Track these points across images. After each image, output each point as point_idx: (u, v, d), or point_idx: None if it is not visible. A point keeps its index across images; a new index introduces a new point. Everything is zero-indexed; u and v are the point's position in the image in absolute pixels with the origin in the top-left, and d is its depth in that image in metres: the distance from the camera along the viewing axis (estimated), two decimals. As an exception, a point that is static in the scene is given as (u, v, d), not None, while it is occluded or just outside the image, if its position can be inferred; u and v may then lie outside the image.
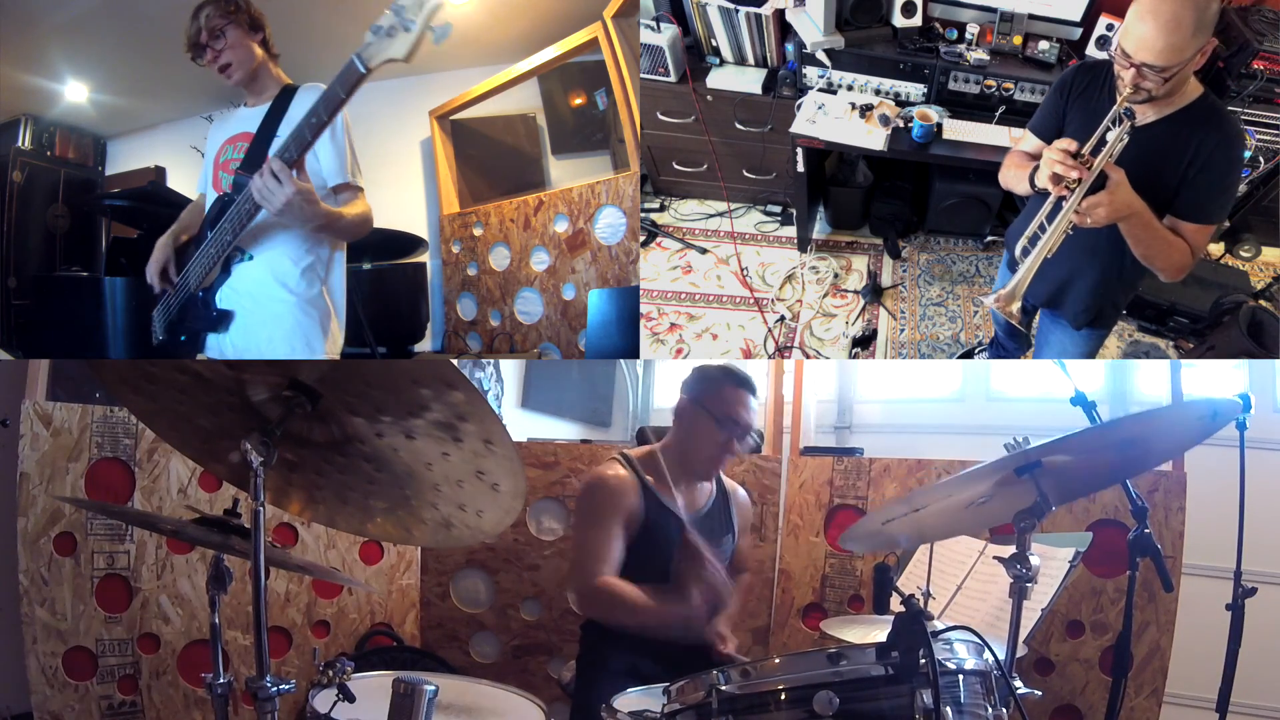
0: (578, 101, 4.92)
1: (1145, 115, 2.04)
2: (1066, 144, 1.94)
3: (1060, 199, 1.96)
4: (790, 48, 3.37)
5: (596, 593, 2.14)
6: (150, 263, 2.35)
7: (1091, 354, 2.49)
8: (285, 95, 2.29)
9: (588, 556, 2.19)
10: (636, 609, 2.12)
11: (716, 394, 2.29)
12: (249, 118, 2.31)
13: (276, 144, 2.20)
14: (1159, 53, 1.87)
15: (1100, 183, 1.91)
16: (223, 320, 2.27)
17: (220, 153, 2.33)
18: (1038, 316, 2.61)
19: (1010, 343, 2.85)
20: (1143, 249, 2.04)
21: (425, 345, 4.89)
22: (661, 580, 2.15)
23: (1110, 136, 1.95)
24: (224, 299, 2.28)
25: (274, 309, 2.25)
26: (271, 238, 2.23)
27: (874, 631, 2.07)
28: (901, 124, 3.13)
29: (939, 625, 1.99)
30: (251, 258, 2.24)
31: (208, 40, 2.20)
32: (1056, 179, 1.93)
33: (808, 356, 3.40)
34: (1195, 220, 2.05)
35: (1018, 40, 3.13)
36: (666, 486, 2.30)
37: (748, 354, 3.46)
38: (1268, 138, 2.99)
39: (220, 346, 2.28)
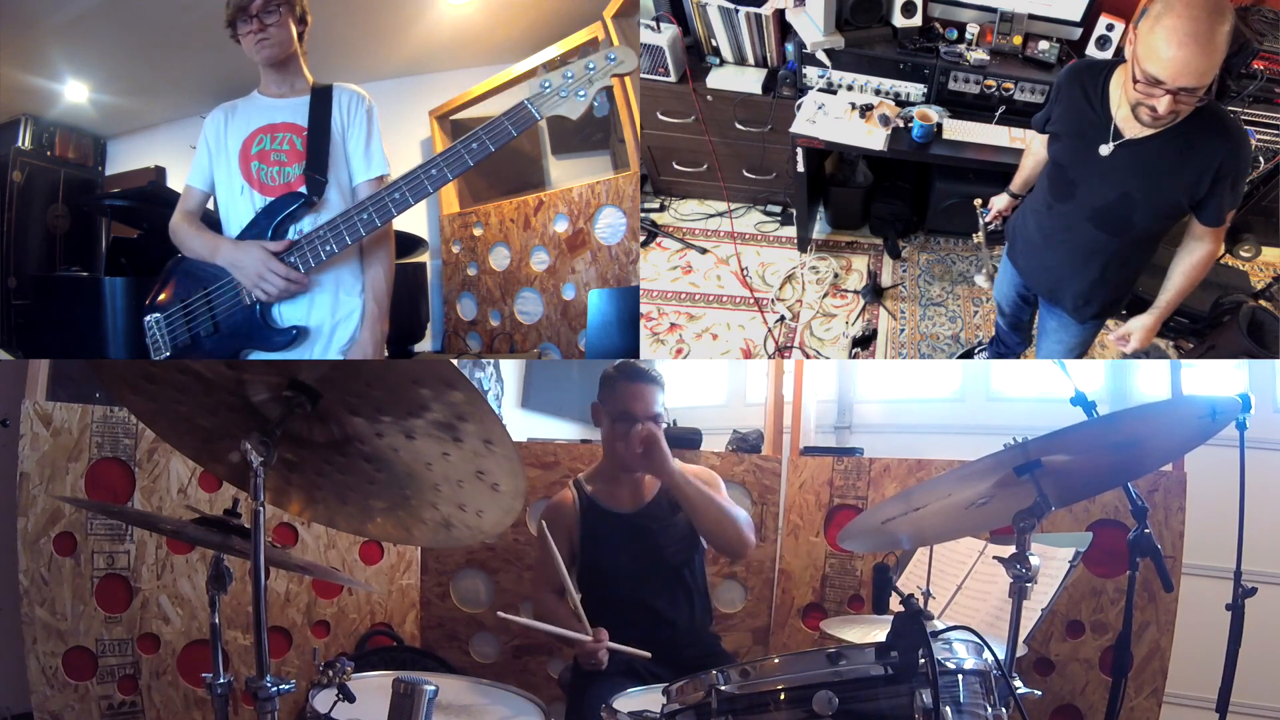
0: (578, 101, 4.91)
1: (1141, 129, 2.03)
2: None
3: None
4: (790, 48, 3.37)
5: (535, 612, 2.48)
6: (268, 275, 2.13)
7: (1087, 344, 2.52)
8: (323, 93, 2.28)
9: (535, 581, 2.59)
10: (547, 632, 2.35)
11: (610, 394, 2.46)
12: (281, 109, 2.27)
13: (336, 146, 2.25)
14: (1200, 74, 1.84)
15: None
16: (301, 336, 2.21)
17: (250, 143, 2.25)
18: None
19: (1011, 338, 2.86)
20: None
21: (425, 345, 4.89)
22: (614, 570, 2.42)
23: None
24: (284, 314, 2.21)
25: (353, 316, 2.27)
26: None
27: (874, 631, 2.07)
28: (901, 124, 3.13)
29: (939, 625, 2.00)
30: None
31: (259, 10, 2.16)
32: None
33: (808, 356, 3.40)
34: (1219, 224, 2.10)
35: (1018, 40, 3.13)
36: (610, 489, 2.52)
37: (748, 354, 3.46)
38: (1268, 138, 2.99)
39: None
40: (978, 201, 2.78)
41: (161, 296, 2.29)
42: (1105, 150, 2.09)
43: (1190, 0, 1.83)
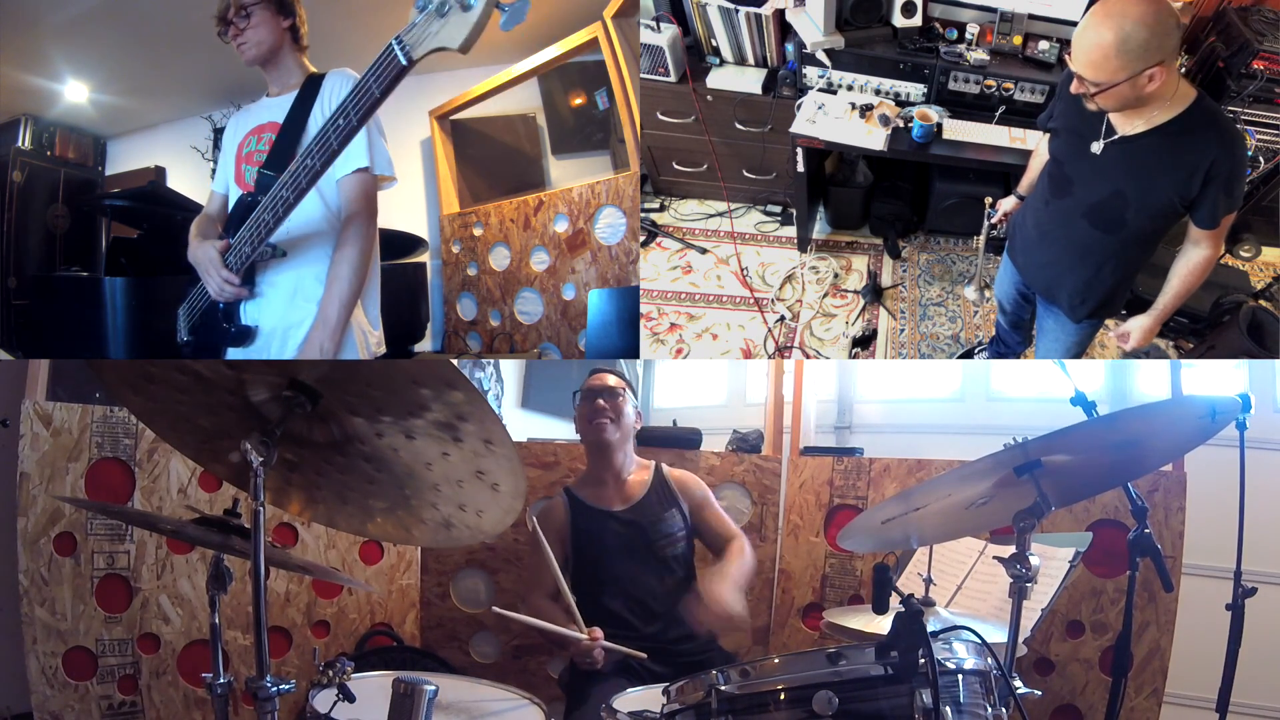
0: (578, 101, 4.92)
1: (1134, 124, 2.04)
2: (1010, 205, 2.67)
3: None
4: (790, 48, 3.37)
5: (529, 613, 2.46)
6: (211, 274, 2.14)
7: (1085, 343, 2.52)
8: (312, 84, 2.23)
9: (528, 586, 2.55)
10: (541, 630, 2.36)
11: (582, 387, 2.63)
12: (271, 107, 2.26)
13: (308, 138, 2.12)
14: (1084, 66, 1.94)
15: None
16: (246, 336, 2.21)
17: (243, 145, 2.27)
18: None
19: (1012, 337, 2.86)
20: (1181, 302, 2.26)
21: (425, 345, 4.89)
22: (607, 567, 2.46)
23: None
24: (248, 313, 2.21)
25: (305, 323, 2.18)
26: (296, 246, 2.17)
27: (877, 620, 2.06)
28: (901, 124, 3.13)
29: (943, 613, 2.00)
30: (284, 254, 2.16)
31: (234, 16, 2.16)
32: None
33: (808, 356, 3.40)
34: (1216, 226, 2.09)
35: (1018, 40, 3.12)
36: (598, 491, 2.60)
37: (748, 354, 3.46)
38: (1268, 138, 2.99)
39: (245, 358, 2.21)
40: (989, 200, 2.78)
41: (188, 289, 2.35)
42: (1097, 147, 2.10)
43: None
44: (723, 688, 1.43)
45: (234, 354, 2.22)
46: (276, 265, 2.18)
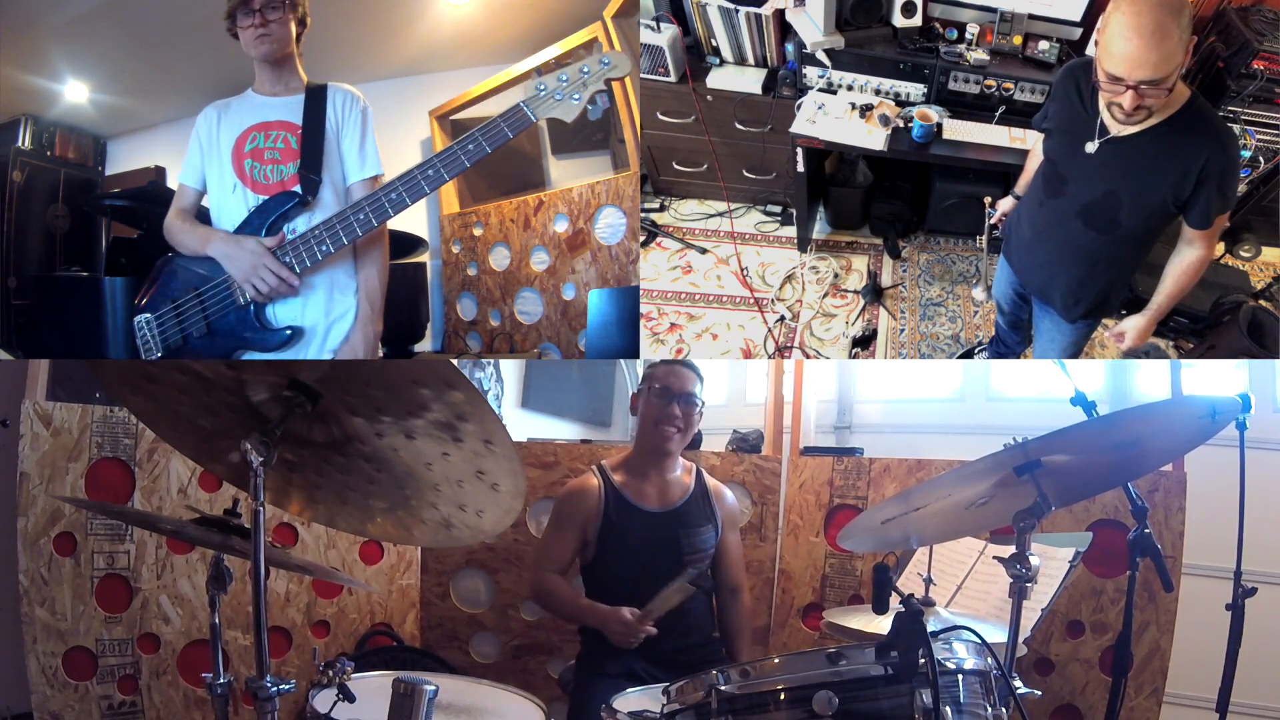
0: (578, 101, 4.91)
1: (1125, 126, 2.03)
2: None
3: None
4: (790, 48, 3.37)
5: (536, 587, 2.50)
6: (262, 271, 2.13)
7: (1081, 343, 2.52)
8: (317, 92, 2.28)
9: (539, 557, 2.51)
10: (564, 605, 2.44)
11: (651, 374, 2.54)
12: (274, 106, 2.27)
13: (331, 145, 2.24)
14: (1154, 66, 1.85)
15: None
16: (295, 337, 2.20)
17: (243, 141, 2.25)
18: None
19: (1011, 337, 2.86)
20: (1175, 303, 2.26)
21: (425, 345, 4.89)
22: (628, 567, 2.40)
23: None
24: (279, 314, 2.20)
25: (347, 316, 2.26)
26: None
27: (877, 620, 2.06)
28: (901, 124, 3.13)
29: (943, 613, 2.00)
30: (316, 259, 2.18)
31: (263, 5, 2.16)
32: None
33: (808, 356, 3.40)
34: (1209, 226, 2.09)
35: (1018, 40, 3.13)
36: (637, 484, 2.51)
37: (748, 354, 3.46)
38: (1268, 138, 2.99)
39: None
40: (988, 200, 2.78)
41: (152, 297, 2.28)
42: (1091, 148, 2.10)
43: None
44: (723, 688, 1.43)
45: (277, 356, 2.21)
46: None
